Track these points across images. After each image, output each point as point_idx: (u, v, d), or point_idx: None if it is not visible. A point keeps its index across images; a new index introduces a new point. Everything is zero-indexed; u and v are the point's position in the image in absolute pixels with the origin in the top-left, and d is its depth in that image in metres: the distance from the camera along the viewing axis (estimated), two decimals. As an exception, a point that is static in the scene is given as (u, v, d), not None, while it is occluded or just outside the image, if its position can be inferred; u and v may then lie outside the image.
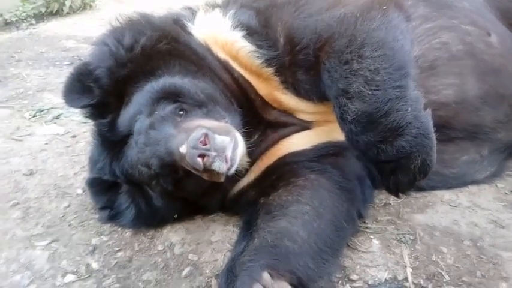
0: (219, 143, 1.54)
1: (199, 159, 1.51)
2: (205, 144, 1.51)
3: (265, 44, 1.90)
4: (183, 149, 1.56)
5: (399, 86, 1.61)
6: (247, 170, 1.97)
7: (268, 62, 1.90)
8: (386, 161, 1.64)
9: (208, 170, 1.54)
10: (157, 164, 1.69)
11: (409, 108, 1.59)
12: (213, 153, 1.51)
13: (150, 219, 2.00)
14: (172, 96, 1.80)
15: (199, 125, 1.61)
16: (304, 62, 1.84)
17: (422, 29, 2.15)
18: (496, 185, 2.26)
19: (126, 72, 1.89)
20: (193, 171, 1.59)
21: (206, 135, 1.52)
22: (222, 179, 1.63)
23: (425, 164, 1.61)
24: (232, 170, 1.64)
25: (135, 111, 1.82)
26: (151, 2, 6.57)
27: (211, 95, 1.85)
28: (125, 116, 1.85)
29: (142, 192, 1.95)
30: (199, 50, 2.00)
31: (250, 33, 1.92)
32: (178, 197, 1.92)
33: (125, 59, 1.88)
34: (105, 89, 1.87)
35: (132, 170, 1.82)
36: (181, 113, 1.77)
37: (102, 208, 2.05)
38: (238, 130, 1.75)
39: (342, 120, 1.68)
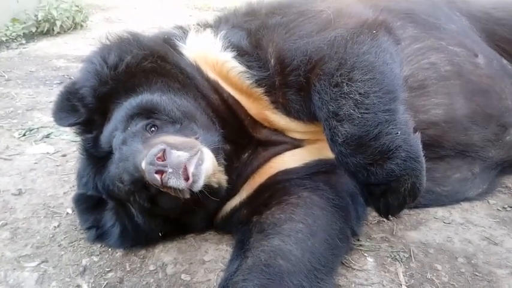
0: (174, 159, 1.52)
1: (157, 176, 1.51)
2: (163, 160, 1.51)
3: (255, 64, 1.91)
4: (143, 165, 1.56)
5: (389, 109, 1.63)
6: (236, 188, 1.97)
7: (259, 82, 1.91)
8: (376, 183, 1.65)
9: (167, 186, 1.53)
10: (128, 180, 1.69)
11: (399, 132, 1.60)
12: (169, 170, 1.51)
13: (135, 238, 1.97)
14: (146, 112, 1.81)
15: (162, 141, 1.60)
16: (295, 83, 1.86)
17: (411, 49, 2.19)
18: (488, 202, 2.29)
19: (107, 90, 1.90)
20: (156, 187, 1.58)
21: (164, 151, 1.52)
22: (186, 195, 1.61)
23: (415, 187, 1.62)
24: (198, 187, 1.60)
25: (113, 127, 1.84)
26: (143, 22, 6.62)
27: (188, 112, 1.85)
28: (105, 132, 1.87)
29: (125, 209, 1.92)
30: (187, 70, 2.01)
31: (241, 54, 1.93)
32: (158, 214, 1.88)
33: (107, 77, 1.90)
34: (89, 107, 1.90)
35: (112, 186, 1.82)
36: (152, 129, 1.77)
37: (89, 228, 2.03)
38: (213, 147, 1.74)
39: (332, 142, 1.69)
